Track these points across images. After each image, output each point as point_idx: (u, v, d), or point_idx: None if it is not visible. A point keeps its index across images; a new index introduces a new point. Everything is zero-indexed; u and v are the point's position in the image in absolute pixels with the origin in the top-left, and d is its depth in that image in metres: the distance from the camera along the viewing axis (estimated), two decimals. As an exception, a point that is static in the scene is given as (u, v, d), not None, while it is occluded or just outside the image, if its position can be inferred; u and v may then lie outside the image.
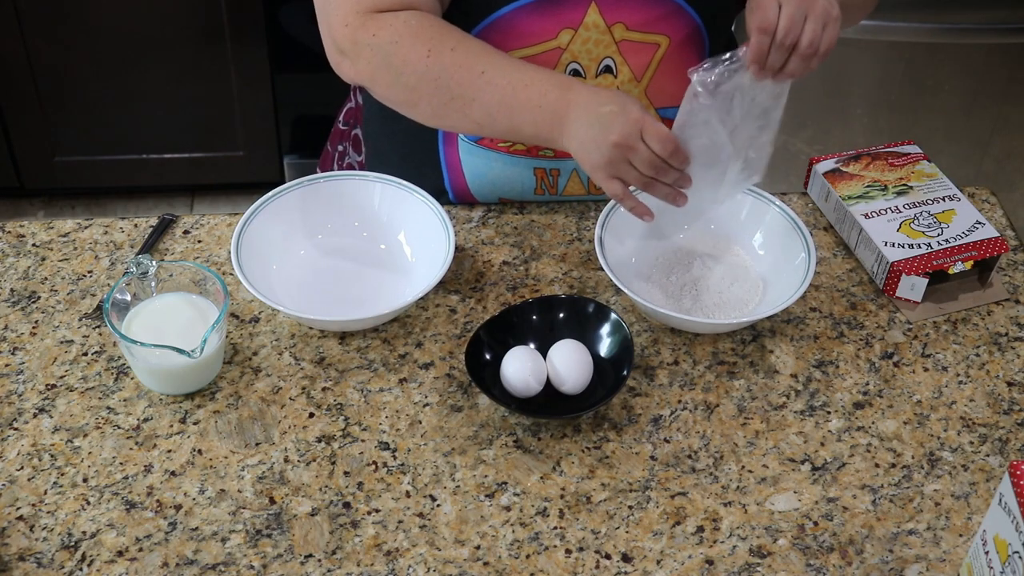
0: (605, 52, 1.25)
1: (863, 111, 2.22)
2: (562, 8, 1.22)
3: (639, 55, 1.26)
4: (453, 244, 1.21)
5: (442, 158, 1.35)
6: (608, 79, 1.26)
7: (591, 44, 1.24)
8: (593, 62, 1.25)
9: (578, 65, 1.25)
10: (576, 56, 1.24)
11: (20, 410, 1.13)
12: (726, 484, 1.08)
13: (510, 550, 1.03)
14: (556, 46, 1.24)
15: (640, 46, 1.25)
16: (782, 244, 1.26)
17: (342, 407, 1.14)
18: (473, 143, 1.32)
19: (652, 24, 1.24)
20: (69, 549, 1.02)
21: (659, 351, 1.20)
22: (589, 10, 1.22)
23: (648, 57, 1.26)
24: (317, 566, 1.01)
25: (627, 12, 1.23)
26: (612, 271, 1.19)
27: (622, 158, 1.12)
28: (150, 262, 1.14)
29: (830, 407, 1.15)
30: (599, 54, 1.25)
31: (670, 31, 1.25)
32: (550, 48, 1.24)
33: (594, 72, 1.26)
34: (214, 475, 1.07)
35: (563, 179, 1.35)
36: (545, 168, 1.33)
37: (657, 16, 1.24)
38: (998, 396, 1.17)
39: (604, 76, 1.26)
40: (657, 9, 1.24)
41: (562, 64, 1.24)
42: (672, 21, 1.25)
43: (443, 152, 1.35)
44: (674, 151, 1.11)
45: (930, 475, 1.10)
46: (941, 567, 1.03)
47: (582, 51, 1.24)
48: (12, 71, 2.38)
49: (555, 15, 1.22)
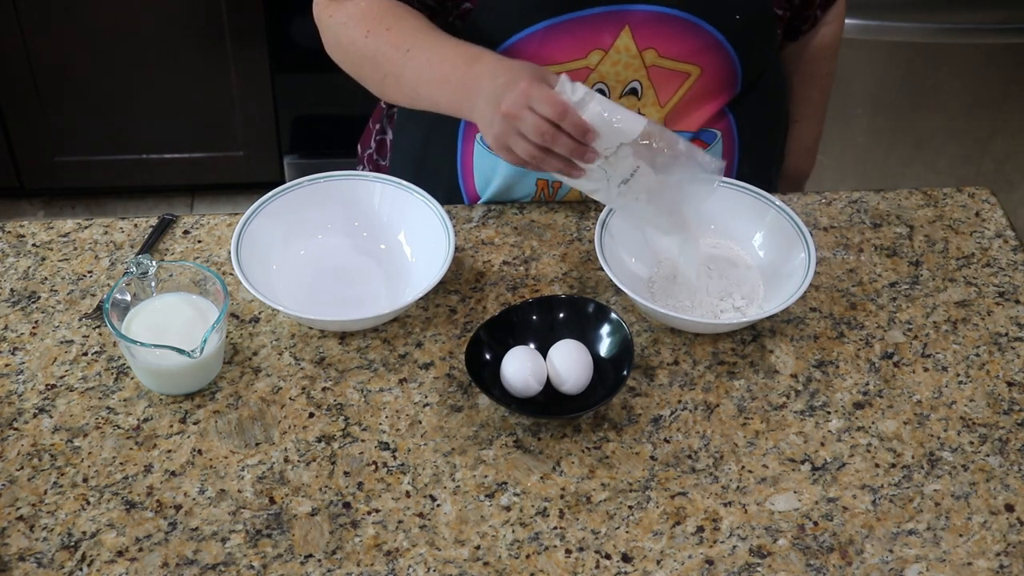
0: (634, 75, 1.25)
1: (863, 111, 2.22)
2: (594, 30, 1.22)
3: (668, 82, 1.26)
4: (453, 244, 1.21)
5: (459, 157, 1.35)
6: (632, 100, 1.26)
7: (620, 67, 1.24)
8: (620, 83, 1.25)
9: (604, 85, 1.25)
10: (604, 77, 1.24)
11: (20, 410, 1.13)
12: (726, 484, 1.08)
13: (510, 550, 1.03)
14: (585, 66, 1.24)
15: (670, 73, 1.25)
16: (782, 244, 1.25)
17: (342, 407, 1.14)
18: (486, 146, 1.32)
19: (687, 55, 1.24)
20: (69, 549, 1.02)
21: (659, 351, 1.20)
22: (622, 34, 1.22)
23: (676, 85, 1.26)
24: (317, 566, 1.01)
25: (661, 40, 1.23)
26: (612, 271, 1.19)
27: (512, 128, 1.09)
28: (150, 262, 1.14)
29: (830, 407, 1.15)
30: (627, 77, 1.25)
31: (703, 63, 1.25)
32: (579, 67, 1.24)
33: (619, 93, 1.26)
34: (214, 475, 1.07)
35: (563, 190, 1.35)
36: (547, 180, 1.34)
37: (693, 49, 1.24)
38: (998, 396, 1.17)
39: (628, 98, 1.26)
40: (694, 42, 1.24)
41: (588, 83, 1.24)
42: (708, 54, 1.25)
43: (460, 151, 1.35)
44: (563, 113, 1.06)
45: (930, 475, 1.10)
46: (941, 567, 1.03)
47: (610, 72, 1.24)
48: (12, 71, 2.38)
49: (586, 37, 1.22)
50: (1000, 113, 2.24)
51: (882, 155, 2.30)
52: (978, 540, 1.05)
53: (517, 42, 1.23)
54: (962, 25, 2.12)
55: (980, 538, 1.05)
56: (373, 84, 1.26)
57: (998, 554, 1.04)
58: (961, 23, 2.12)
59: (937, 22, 2.09)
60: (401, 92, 1.24)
